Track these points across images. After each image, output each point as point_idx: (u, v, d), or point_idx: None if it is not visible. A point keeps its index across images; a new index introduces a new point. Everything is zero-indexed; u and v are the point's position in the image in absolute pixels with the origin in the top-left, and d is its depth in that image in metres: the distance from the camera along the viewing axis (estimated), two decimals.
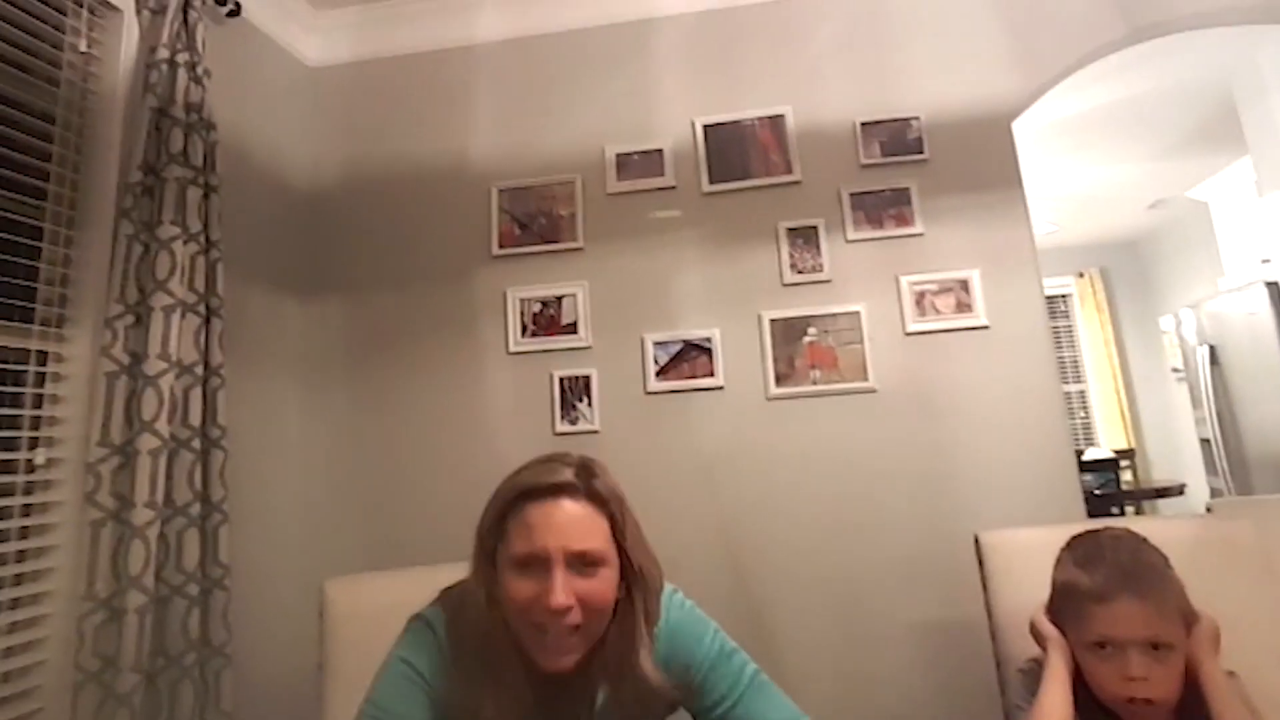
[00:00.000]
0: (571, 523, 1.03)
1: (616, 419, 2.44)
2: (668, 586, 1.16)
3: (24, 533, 1.74)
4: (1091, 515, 2.66)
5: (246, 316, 2.33)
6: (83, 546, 1.74)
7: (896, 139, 2.49)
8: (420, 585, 1.25)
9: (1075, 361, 6.17)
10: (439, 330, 2.60)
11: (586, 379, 2.47)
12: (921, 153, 2.46)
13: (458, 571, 1.14)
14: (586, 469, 1.08)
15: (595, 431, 2.44)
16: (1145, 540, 1.15)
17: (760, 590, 2.30)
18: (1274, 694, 1.19)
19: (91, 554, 1.73)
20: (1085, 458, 4.35)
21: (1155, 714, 1.06)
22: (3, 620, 1.64)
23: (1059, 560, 1.19)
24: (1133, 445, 5.72)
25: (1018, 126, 2.47)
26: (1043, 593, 1.22)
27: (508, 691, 1.03)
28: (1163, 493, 4.42)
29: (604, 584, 1.04)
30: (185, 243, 1.96)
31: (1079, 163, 4.65)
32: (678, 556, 1.31)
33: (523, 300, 2.56)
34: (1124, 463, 4.87)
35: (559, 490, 1.05)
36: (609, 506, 1.07)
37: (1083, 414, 6.02)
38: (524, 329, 2.55)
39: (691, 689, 1.12)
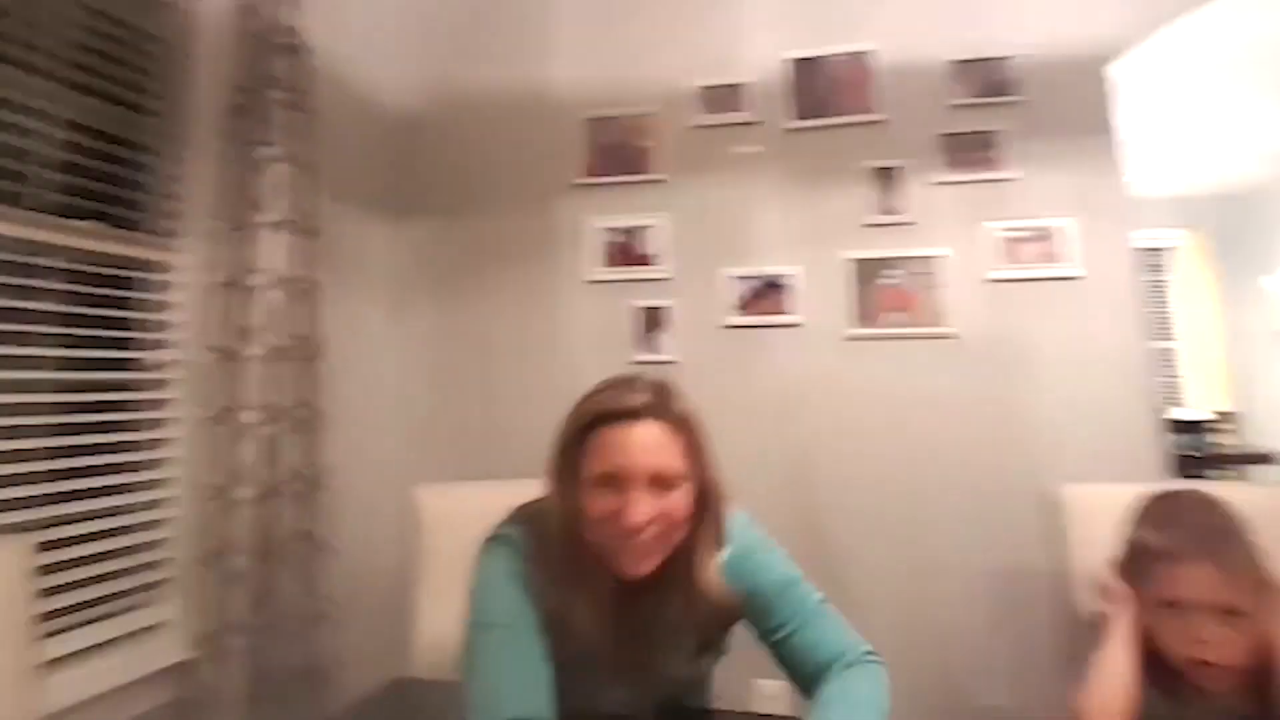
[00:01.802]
0: (649, 444, 1.05)
1: (695, 351, 2.49)
2: (739, 512, 1.20)
3: (144, 426, 1.91)
4: (1182, 477, 2.61)
5: (339, 235, 2.43)
6: (196, 441, 1.92)
7: (989, 79, 2.41)
8: (503, 496, 1.31)
9: (1165, 319, 5.88)
10: (520, 256, 2.68)
11: (666, 310, 2.52)
12: (1016, 94, 2.38)
13: (537, 488, 1.17)
14: (663, 391, 1.10)
15: (674, 362, 2.49)
16: (1224, 504, 1.14)
17: (829, 527, 2.36)
18: None
19: (205, 449, 1.91)
20: (1173, 418, 4.20)
21: (1221, 677, 1.06)
22: (135, 500, 1.85)
23: (1132, 518, 1.20)
24: (1231, 408, 5.46)
25: (1131, 63, 2.35)
26: (1116, 547, 1.22)
27: (594, 595, 1.08)
28: (1259, 459, 4.24)
29: (680, 501, 1.07)
30: (283, 163, 2.05)
31: (1195, 108, 4.37)
32: (751, 489, 1.35)
33: (604, 230, 2.61)
34: (1224, 425, 4.67)
35: (637, 413, 1.06)
36: (684, 428, 1.09)
37: (1169, 373, 5.78)
38: (604, 258, 2.59)
39: (757, 612, 1.15)
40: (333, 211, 2.34)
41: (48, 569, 1.58)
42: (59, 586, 1.63)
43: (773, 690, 2.12)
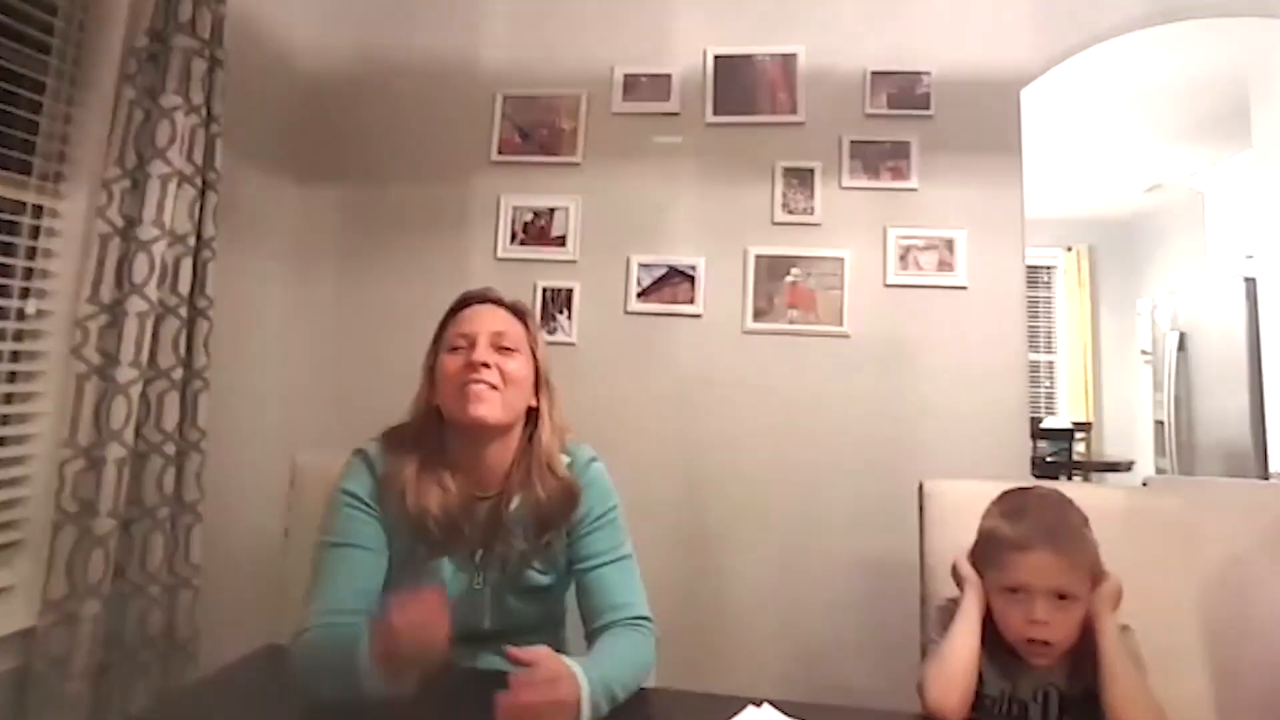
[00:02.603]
0: (494, 317, 1.31)
1: (594, 335, 2.50)
2: (590, 451, 1.38)
3: (12, 377, 1.80)
4: (1041, 479, 2.77)
5: (241, 194, 2.33)
6: (67, 397, 1.80)
7: (905, 92, 2.50)
8: None
9: (1049, 333, 6.27)
10: (430, 229, 2.63)
11: (569, 292, 2.52)
12: (927, 109, 2.48)
13: None
14: (513, 299, 1.38)
15: (572, 344, 2.49)
16: (1070, 501, 1.24)
17: (713, 514, 2.42)
18: (1177, 649, 1.33)
19: (75, 405, 1.79)
20: (1043, 425, 4.50)
21: (1050, 654, 1.16)
22: None
23: (988, 511, 1.28)
24: (1091, 420, 5.88)
25: (1028, 91, 2.47)
26: (972, 539, 1.31)
27: (442, 466, 1.27)
28: (1111, 467, 4.62)
29: (519, 365, 1.29)
30: (186, 114, 1.96)
31: (1084, 136, 4.65)
32: (640, 474, 1.40)
33: (515, 208, 2.59)
34: (1080, 435, 5.05)
35: (487, 299, 1.35)
36: (527, 319, 1.36)
37: (1048, 384, 6.16)
38: (513, 236, 2.59)
39: (576, 535, 1.31)
40: (235, 169, 2.25)
41: None
42: None
43: None
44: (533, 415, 1.32)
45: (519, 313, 1.36)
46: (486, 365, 1.24)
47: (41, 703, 1.67)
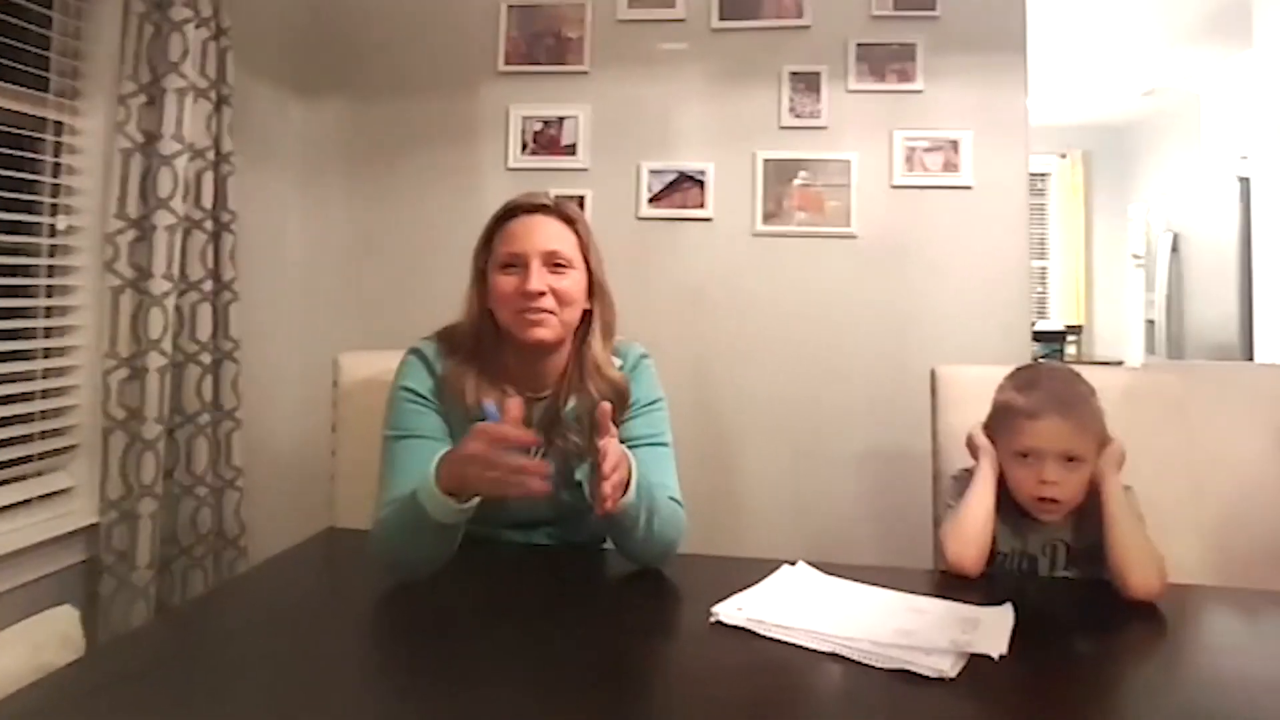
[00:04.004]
0: (546, 231, 1.28)
1: (607, 241, 2.41)
2: (640, 349, 1.43)
3: (49, 292, 1.86)
4: None
5: (251, 107, 2.34)
6: (104, 309, 1.87)
7: None
8: None
9: (1042, 239, 6.32)
10: (439, 141, 2.64)
11: (581, 199, 2.54)
12: (933, 9, 2.47)
13: None
14: (562, 199, 1.35)
15: None
16: (1078, 374, 1.34)
17: (727, 412, 2.52)
18: (1166, 510, 1.41)
19: (113, 317, 1.86)
20: (1036, 328, 4.62)
21: (1059, 512, 1.27)
22: (39, 366, 1.81)
23: (1001, 385, 1.37)
24: (1082, 323, 6.00)
25: None
26: (982, 417, 1.40)
27: (499, 371, 1.29)
28: (1102, 365, 4.74)
29: (573, 283, 1.29)
30: (197, 26, 1.97)
31: (1083, 39, 4.60)
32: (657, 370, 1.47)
33: (525, 118, 2.60)
34: (1071, 338, 5.18)
35: (536, 208, 1.31)
36: (577, 226, 1.33)
37: (1040, 289, 6.25)
38: (524, 146, 2.60)
39: (619, 425, 1.30)
40: (246, 83, 2.25)
41: None
42: None
43: None
44: (586, 317, 1.33)
45: (570, 219, 1.32)
46: (541, 293, 1.24)
47: (114, 591, 1.79)
